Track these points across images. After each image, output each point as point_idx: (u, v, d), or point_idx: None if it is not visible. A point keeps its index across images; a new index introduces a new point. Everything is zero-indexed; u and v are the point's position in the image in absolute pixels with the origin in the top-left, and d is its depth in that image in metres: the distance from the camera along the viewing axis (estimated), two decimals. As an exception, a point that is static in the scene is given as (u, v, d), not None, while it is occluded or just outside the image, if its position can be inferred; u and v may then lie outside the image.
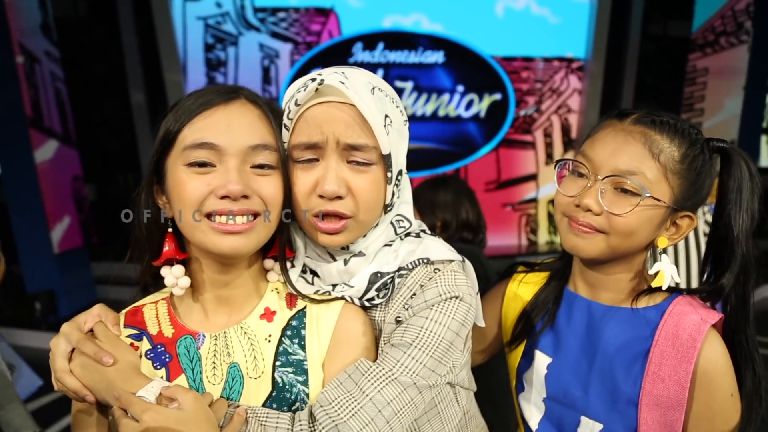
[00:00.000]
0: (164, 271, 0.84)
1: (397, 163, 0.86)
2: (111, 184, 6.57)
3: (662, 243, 0.91)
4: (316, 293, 0.89)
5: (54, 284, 4.98)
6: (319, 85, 0.80)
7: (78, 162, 5.47)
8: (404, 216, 0.93)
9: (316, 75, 0.82)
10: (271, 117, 0.83)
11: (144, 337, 0.85)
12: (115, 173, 6.59)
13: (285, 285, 0.89)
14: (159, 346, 0.84)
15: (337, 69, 0.84)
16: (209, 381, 0.82)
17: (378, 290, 0.87)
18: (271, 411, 0.78)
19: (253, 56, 5.95)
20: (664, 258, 0.92)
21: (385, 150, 0.82)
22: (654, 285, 0.92)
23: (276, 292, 0.89)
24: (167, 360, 0.83)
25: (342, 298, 0.88)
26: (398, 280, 0.87)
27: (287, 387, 0.82)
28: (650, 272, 0.93)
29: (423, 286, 0.85)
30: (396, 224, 0.92)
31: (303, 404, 0.81)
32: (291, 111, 0.83)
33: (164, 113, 0.81)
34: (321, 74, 0.82)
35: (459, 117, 6.26)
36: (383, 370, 0.79)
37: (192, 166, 0.77)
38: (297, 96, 0.82)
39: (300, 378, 0.82)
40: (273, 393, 0.81)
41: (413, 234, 0.94)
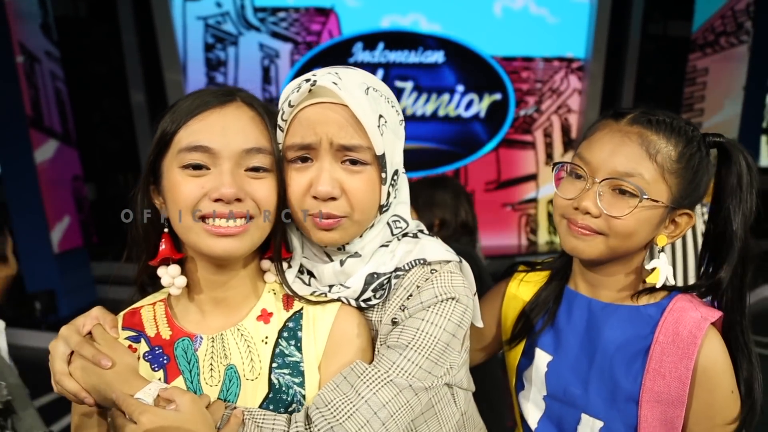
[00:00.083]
0: (161, 271, 0.85)
1: (393, 164, 0.86)
2: (111, 184, 6.57)
3: (661, 241, 0.92)
4: (313, 294, 0.89)
5: (54, 284, 4.99)
6: (312, 86, 0.80)
7: (78, 162, 5.47)
8: (401, 216, 0.93)
9: (310, 76, 0.82)
10: (267, 120, 0.83)
11: (142, 339, 0.85)
12: (115, 173, 6.59)
13: (282, 286, 0.89)
14: (157, 348, 0.84)
15: (332, 69, 0.84)
16: (206, 383, 0.82)
17: (374, 291, 0.86)
18: (268, 412, 0.78)
19: (253, 56, 5.96)
20: (662, 256, 0.92)
21: (379, 150, 0.81)
22: (649, 281, 0.92)
23: (273, 293, 0.89)
24: (165, 362, 0.83)
25: (338, 300, 0.88)
26: (395, 281, 0.87)
27: (284, 389, 0.82)
28: (647, 267, 0.93)
29: (419, 287, 0.84)
30: (392, 225, 0.91)
31: (299, 406, 0.81)
32: (285, 112, 0.83)
33: (162, 114, 0.81)
34: (315, 75, 0.82)
35: (459, 117, 6.26)
36: (379, 372, 0.78)
37: (186, 169, 0.77)
38: (291, 97, 0.82)
39: (296, 380, 0.82)
40: (270, 395, 0.81)
41: (410, 234, 0.93)
